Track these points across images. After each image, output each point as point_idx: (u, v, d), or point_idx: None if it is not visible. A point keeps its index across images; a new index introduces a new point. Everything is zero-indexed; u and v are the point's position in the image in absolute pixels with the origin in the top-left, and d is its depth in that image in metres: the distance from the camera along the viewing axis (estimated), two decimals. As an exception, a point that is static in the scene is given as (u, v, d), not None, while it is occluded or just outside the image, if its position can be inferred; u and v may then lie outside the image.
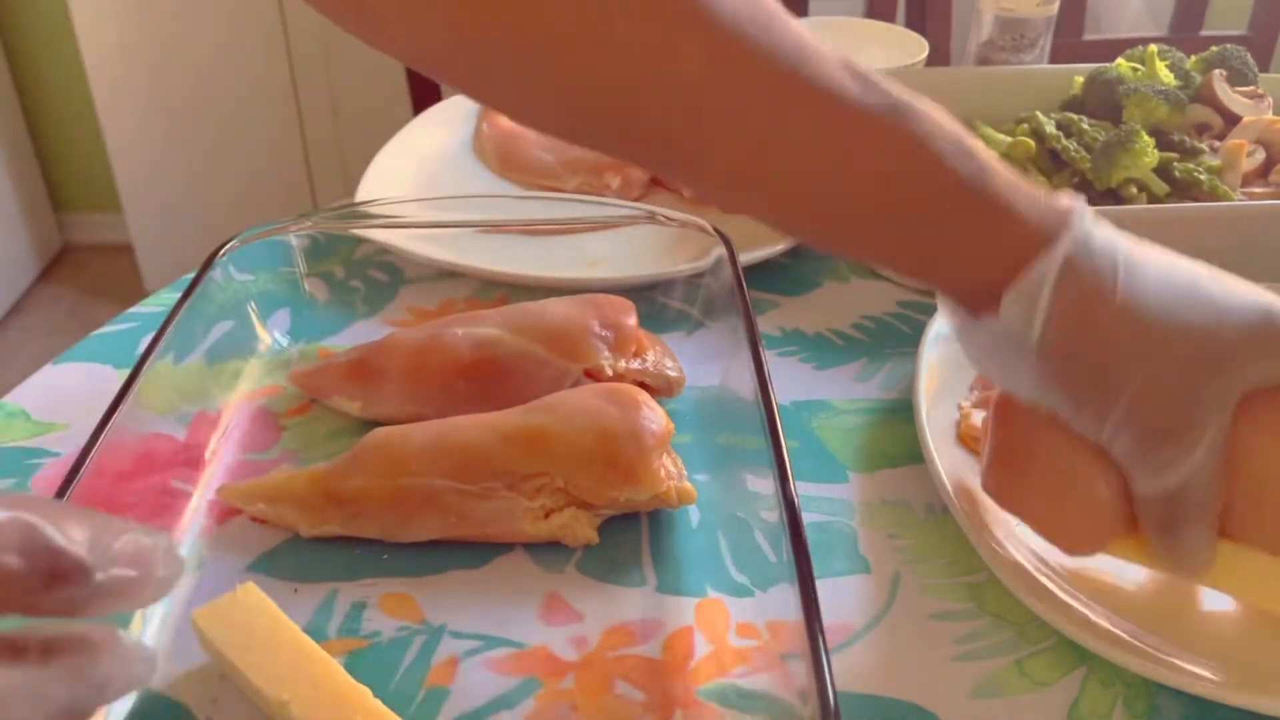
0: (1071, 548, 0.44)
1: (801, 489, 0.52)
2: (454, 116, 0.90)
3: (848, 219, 0.41)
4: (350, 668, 0.41)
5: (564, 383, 0.54)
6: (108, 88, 2.06)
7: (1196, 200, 0.70)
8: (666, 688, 0.42)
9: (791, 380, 0.61)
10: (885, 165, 0.38)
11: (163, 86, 2.07)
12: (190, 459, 0.52)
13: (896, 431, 0.57)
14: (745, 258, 0.66)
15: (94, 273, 2.59)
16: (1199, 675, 0.40)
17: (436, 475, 0.47)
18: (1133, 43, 0.86)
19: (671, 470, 0.49)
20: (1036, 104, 0.80)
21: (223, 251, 0.57)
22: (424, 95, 1.15)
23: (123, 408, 0.45)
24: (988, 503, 0.46)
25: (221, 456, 0.54)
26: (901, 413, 0.58)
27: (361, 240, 0.71)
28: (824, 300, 0.69)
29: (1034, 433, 0.42)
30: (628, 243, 0.71)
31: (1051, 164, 0.74)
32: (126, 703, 0.41)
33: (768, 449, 0.43)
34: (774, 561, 0.44)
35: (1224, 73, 0.79)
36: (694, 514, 0.50)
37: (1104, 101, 0.79)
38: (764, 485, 0.43)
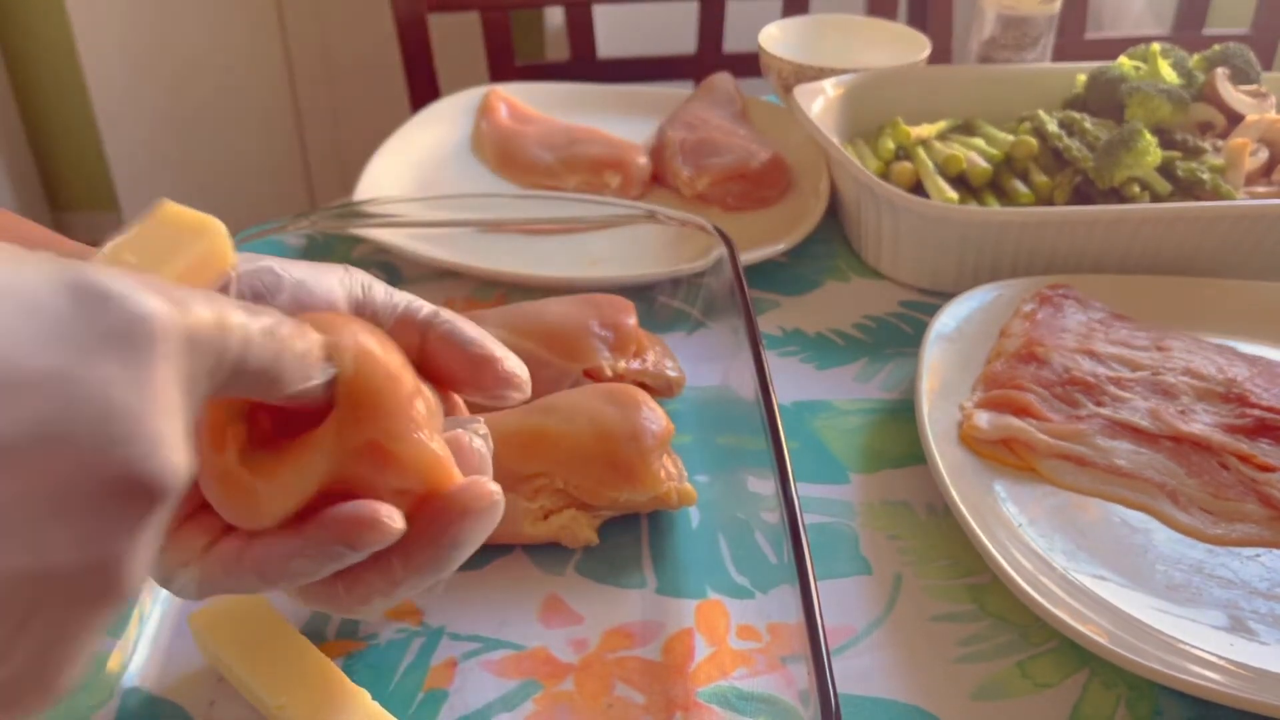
0: None
1: (802, 490, 0.52)
2: (452, 115, 0.89)
3: None
4: (348, 670, 0.41)
5: (563, 383, 0.53)
6: (105, 86, 2.05)
7: (1199, 199, 0.70)
8: (666, 690, 0.42)
9: (792, 380, 0.60)
10: None
11: (160, 85, 2.06)
12: (188, 459, 0.52)
13: (898, 432, 0.56)
14: (745, 257, 0.66)
15: (93, 271, 2.58)
16: (1202, 676, 0.40)
17: (435, 476, 0.47)
18: (1135, 41, 0.86)
19: (672, 471, 0.49)
20: (1039, 102, 0.80)
21: (220, 251, 0.57)
22: (422, 94, 1.15)
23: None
24: (990, 503, 0.46)
25: (219, 457, 0.53)
26: (903, 413, 0.58)
27: (360, 240, 0.71)
28: (824, 300, 0.69)
29: None
30: (628, 242, 0.71)
31: (1054, 163, 0.74)
32: (127, 704, 0.41)
33: (768, 449, 0.43)
34: (775, 563, 0.44)
35: (1227, 71, 0.79)
36: (694, 515, 0.50)
37: (1106, 100, 0.79)
38: (764, 486, 0.43)
